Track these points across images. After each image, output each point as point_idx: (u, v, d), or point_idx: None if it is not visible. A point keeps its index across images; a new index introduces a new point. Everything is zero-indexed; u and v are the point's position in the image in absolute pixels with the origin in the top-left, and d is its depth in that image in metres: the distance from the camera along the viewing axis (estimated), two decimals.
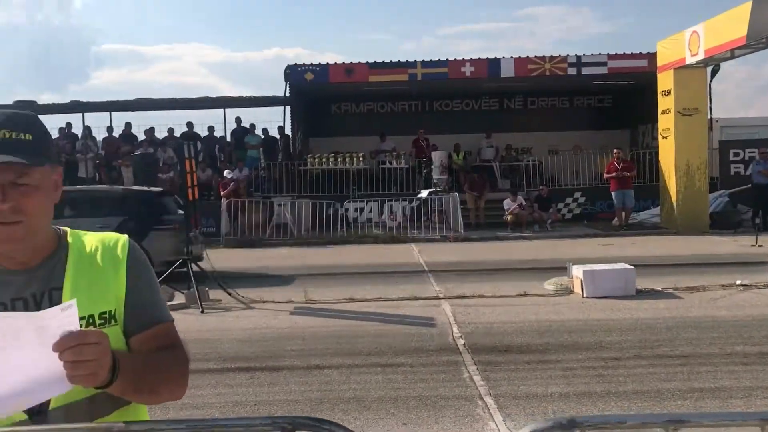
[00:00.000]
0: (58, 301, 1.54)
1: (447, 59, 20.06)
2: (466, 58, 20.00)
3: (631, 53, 19.73)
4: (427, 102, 23.68)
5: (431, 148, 20.12)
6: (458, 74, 19.84)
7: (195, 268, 9.52)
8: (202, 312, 8.67)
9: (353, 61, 20.10)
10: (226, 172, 18.67)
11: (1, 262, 1.55)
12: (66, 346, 1.31)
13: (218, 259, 10.14)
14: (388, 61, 20.07)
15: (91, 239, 1.67)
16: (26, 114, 1.57)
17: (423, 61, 19.94)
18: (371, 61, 20.04)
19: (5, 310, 1.52)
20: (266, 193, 18.95)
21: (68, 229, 1.68)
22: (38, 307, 1.53)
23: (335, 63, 20.15)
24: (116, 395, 1.49)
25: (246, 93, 26.92)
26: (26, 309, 1.53)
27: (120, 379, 1.42)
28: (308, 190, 18.98)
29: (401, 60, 20.10)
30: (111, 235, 1.70)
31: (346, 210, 18.32)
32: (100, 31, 75.60)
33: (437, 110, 23.82)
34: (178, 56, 66.15)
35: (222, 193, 17.78)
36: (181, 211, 11.16)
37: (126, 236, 1.71)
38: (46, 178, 1.54)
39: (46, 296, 1.55)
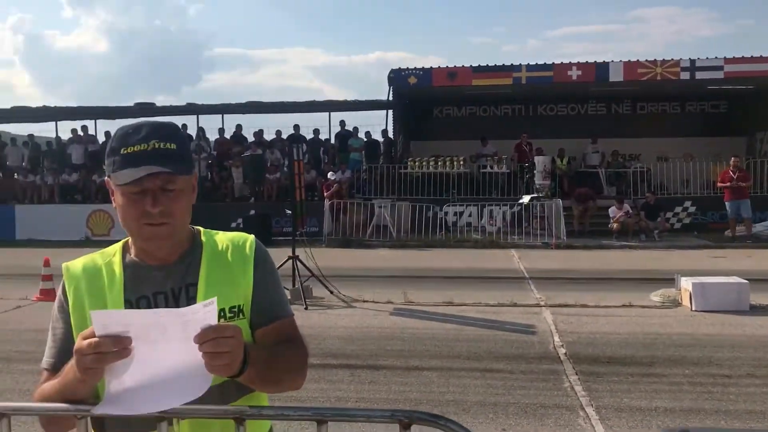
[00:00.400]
0: (194, 296, 1.68)
1: (553, 63, 19.66)
2: (572, 62, 19.55)
3: (751, 56, 18.64)
4: (530, 106, 23.26)
5: (534, 152, 19.74)
6: (564, 78, 19.41)
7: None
8: (306, 308, 8.94)
9: (456, 65, 20.00)
10: (329, 174, 19.09)
11: (143, 258, 1.71)
12: (206, 338, 1.41)
13: (321, 258, 10.43)
14: (492, 64, 19.87)
15: (222, 238, 1.81)
16: (170, 124, 1.72)
17: (528, 65, 19.64)
18: (474, 64, 19.93)
19: (148, 302, 1.68)
20: (367, 194, 19.25)
21: (201, 228, 1.82)
22: (176, 301, 1.68)
23: (438, 67, 20.12)
24: (244, 384, 1.61)
25: (348, 95, 27.41)
26: (166, 302, 1.67)
27: (249, 369, 1.52)
28: (408, 193, 19.10)
29: (505, 63, 19.83)
30: (240, 235, 1.83)
31: (446, 213, 18.32)
32: (213, 35, 79.07)
33: (541, 114, 23.38)
34: (285, 60, 68.25)
35: (325, 194, 18.21)
36: None
37: (253, 236, 1.84)
38: (188, 183, 1.69)
39: (183, 291, 1.69)
